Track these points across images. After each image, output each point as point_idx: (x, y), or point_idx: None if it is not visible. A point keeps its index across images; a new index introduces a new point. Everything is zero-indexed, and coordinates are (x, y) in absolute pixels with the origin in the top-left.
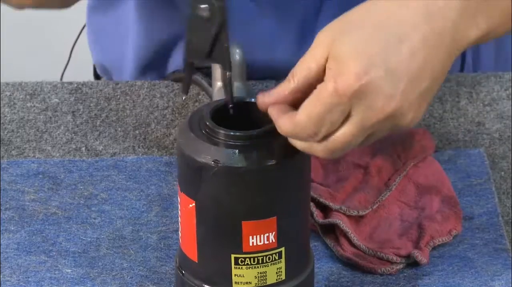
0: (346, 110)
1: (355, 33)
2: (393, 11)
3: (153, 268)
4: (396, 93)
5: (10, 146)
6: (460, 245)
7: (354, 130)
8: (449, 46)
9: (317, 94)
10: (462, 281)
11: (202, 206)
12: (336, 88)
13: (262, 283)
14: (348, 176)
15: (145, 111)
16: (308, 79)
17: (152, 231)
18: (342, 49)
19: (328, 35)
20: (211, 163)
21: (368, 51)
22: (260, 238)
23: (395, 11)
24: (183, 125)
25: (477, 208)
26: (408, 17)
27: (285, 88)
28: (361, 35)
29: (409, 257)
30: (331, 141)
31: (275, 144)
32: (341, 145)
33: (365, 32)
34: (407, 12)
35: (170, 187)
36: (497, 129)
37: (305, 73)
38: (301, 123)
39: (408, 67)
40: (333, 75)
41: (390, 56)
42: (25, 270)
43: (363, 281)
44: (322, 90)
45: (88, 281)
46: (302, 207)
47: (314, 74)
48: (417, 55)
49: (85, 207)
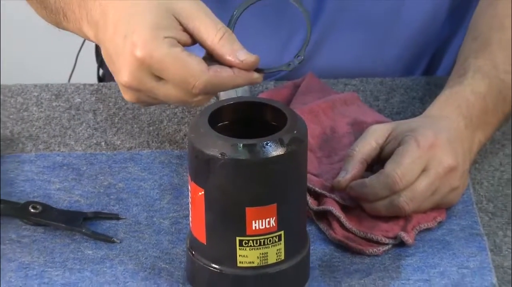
0: (423, 163)
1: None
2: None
3: (166, 249)
4: (456, 154)
5: (38, 141)
6: (439, 230)
7: (429, 181)
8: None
9: (401, 152)
10: (440, 261)
11: (210, 194)
12: (418, 143)
13: (264, 262)
14: (340, 168)
15: (158, 109)
16: (370, 154)
17: (165, 217)
18: (409, 125)
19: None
20: (218, 156)
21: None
22: (262, 222)
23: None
24: (194, 122)
25: None
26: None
27: (354, 165)
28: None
29: (396, 238)
30: (410, 190)
31: (275, 139)
32: (419, 195)
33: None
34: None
35: (180, 178)
36: None
37: (368, 148)
38: (391, 173)
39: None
40: (413, 136)
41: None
42: (51, 252)
43: (353, 261)
44: (406, 147)
45: (107, 261)
46: (299, 195)
47: (374, 149)
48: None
49: (105, 195)
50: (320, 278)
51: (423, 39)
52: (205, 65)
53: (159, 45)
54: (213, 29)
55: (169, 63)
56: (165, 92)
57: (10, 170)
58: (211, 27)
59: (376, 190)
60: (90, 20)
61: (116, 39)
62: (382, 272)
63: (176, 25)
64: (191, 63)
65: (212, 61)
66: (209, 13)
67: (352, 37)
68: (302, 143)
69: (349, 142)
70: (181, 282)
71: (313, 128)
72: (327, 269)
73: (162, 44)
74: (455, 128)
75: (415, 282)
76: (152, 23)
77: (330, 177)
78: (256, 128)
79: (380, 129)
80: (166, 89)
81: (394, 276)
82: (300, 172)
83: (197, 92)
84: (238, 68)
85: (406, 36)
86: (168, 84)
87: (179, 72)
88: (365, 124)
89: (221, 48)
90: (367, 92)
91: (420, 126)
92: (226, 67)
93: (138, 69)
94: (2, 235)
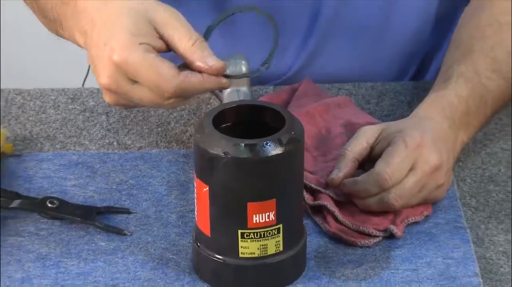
0: (411, 162)
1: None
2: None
3: (173, 241)
4: (441, 153)
5: (55, 141)
6: (426, 223)
7: (416, 179)
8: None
9: (390, 152)
10: (427, 252)
11: (214, 190)
12: (406, 144)
13: (264, 253)
14: (333, 166)
15: (166, 112)
16: (361, 153)
17: (172, 211)
18: (397, 126)
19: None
20: (222, 155)
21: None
22: (262, 216)
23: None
24: (199, 123)
25: None
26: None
27: (346, 163)
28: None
29: (386, 231)
30: (399, 187)
31: (274, 139)
32: (407, 191)
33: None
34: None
35: (186, 175)
36: None
37: (359, 148)
38: (381, 172)
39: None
40: (401, 137)
41: (432, 133)
42: (67, 243)
43: (346, 252)
44: (395, 147)
45: (119, 252)
46: (296, 191)
47: (365, 148)
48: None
49: (117, 191)
50: (315, 268)
51: (412, 47)
52: (176, 70)
53: (134, 51)
54: (186, 37)
55: (143, 68)
56: (139, 94)
57: (29, 168)
58: (184, 35)
59: (367, 188)
60: (80, 29)
61: (98, 45)
62: (373, 263)
63: (153, 33)
64: (163, 69)
65: (187, 68)
66: (184, 22)
67: (345, 46)
68: (299, 143)
69: (342, 142)
70: (187, 272)
71: (309, 129)
72: (322, 260)
73: (138, 50)
74: (440, 129)
75: (403, 271)
76: (129, 30)
77: (324, 174)
78: (256, 129)
79: (371, 130)
80: (140, 92)
81: (384, 266)
82: (297, 169)
83: (168, 95)
84: (207, 73)
85: (396, 45)
86: (142, 87)
87: (152, 77)
88: (357, 126)
89: (192, 55)
90: (359, 96)
91: (408, 127)
92: (197, 73)
93: (115, 73)
94: (21, 228)
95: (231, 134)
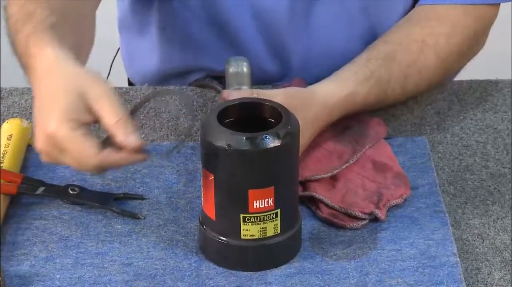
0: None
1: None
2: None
3: (182, 224)
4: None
5: None
6: (408, 208)
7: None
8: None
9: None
10: (410, 234)
11: (219, 178)
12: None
13: (263, 235)
14: (320, 158)
15: (175, 108)
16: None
17: (181, 197)
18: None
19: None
20: (225, 147)
21: None
22: (262, 202)
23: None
24: (205, 119)
25: (421, 180)
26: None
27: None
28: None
29: (371, 214)
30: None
31: (273, 133)
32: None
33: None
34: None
35: (194, 165)
36: (436, 122)
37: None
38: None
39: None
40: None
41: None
42: (86, 226)
43: (337, 234)
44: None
45: (133, 234)
46: (292, 179)
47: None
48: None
49: (131, 179)
50: (310, 248)
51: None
52: (97, 150)
53: (62, 128)
54: (112, 113)
55: (69, 144)
56: (67, 162)
57: None
58: (111, 111)
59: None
60: (32, 82)
61: (39, 109)
62: (361, 243)
63: (82, 108)
64: (85, 147)
65: (111, 141)
66: (113, 99)
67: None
68: (295, 136)
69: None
70: (195, 252)
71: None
72: (316, 241)
73: (65, 127)
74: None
75: (389, 251)
76: (61, 106)
77: (309, 165)
78: (256, 123)
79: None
80: (68, 161)
81: (372, 247)
82: (293, 160)
83: (89, 169)
84: (127, 149)
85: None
86: (69, 157)
87: (75, 153)
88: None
89: (115, 131)
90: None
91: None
92: (117, 150)
93: (46, 142)
94: (45, 213)
95: (234, 128)
